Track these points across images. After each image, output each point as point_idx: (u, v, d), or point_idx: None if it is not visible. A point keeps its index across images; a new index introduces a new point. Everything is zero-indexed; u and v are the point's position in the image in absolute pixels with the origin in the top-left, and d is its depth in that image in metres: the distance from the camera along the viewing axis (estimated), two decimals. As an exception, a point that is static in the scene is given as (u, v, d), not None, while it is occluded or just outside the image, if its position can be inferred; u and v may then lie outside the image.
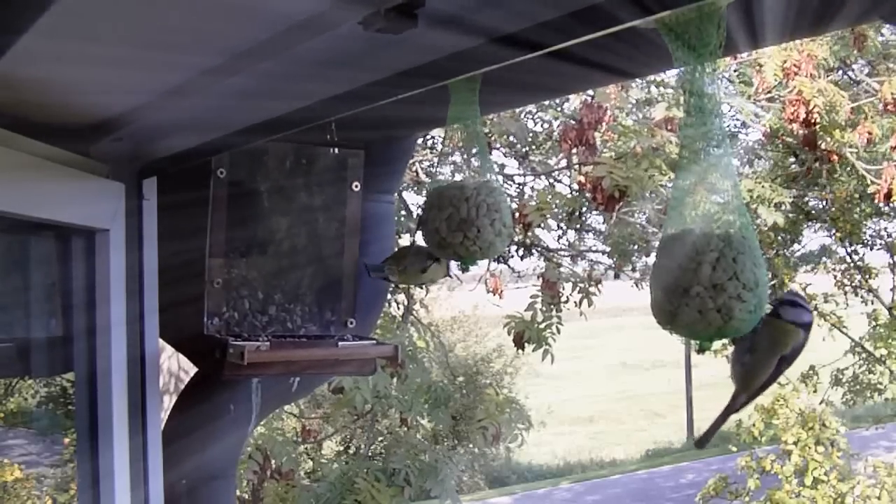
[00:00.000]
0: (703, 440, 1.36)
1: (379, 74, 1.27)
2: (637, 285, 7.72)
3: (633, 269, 7.73)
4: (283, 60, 1.26)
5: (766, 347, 1.22)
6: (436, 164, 6.90)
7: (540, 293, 5.92)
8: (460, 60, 1.17)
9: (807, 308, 1.25)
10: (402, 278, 2.09)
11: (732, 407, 1.31)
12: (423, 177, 6.78)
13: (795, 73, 5.70)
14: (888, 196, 6.03)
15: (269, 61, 1.27)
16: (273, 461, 5.30)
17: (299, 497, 5.25)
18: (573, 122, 5.61)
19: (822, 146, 6.34)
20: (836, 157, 6.60)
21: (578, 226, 7.36)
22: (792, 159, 7.94)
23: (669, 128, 5.58)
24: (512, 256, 7.36)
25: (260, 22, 1.16)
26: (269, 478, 5.34)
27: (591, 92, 5.60)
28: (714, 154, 1.09)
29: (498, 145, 6.90)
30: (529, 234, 6.21)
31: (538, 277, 6.25)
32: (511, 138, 7.00)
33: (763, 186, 6.24)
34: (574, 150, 5.54)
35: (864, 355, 9.96)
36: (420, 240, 1.77)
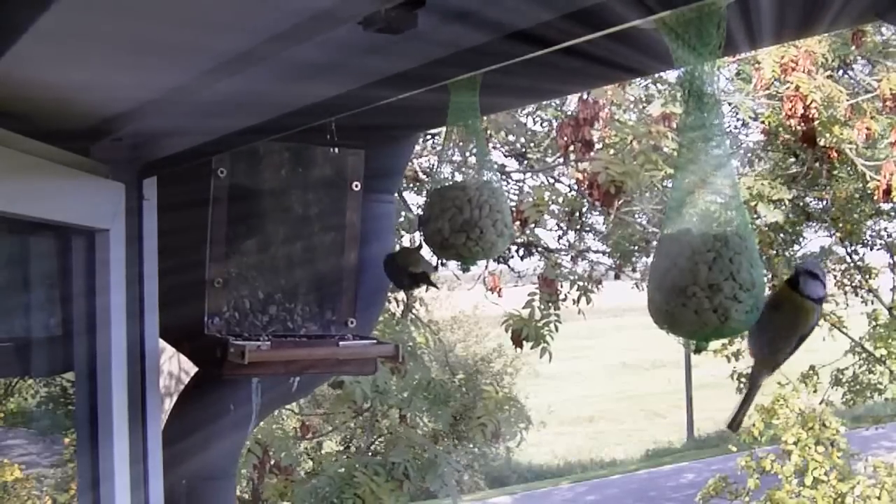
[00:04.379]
0: (734, 423, 1.35)
1: (379, 74, 1.27)
2: (637, 286, 7.72)
3: (634, 270, 7.72)
4: (284, 60, 1.26)
5: (787, 326, 1.20)
6: (436, 164, 6.87)
7: (538, 291, 5.91)
8: (461, 60, 1.17)
9: (824, 282, 1.23)
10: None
11: (756, 384, 1.30)
12: (423, 176, 6.78)
13: (793, 69, 5.70)
14: (887, 193, 6.03)
15: (269, 61, 1.27)
16: (273, 457, 5.30)
17: (299, 492, 5.24)
18: (566, 119, 5.59)
19: (821, 142, 6.33)
20: (835, 155, 6.59)
21: (579, 226, 7.35)
22: (792, 159, 7.93)
23: (666, 124, 5.57)
24: (512, 257, 7.36)
25: (259, 22, 1.16)
26: (269, 473, 5.34)
27: (586, 87, 5.58)
28: (713, 154, 1.09)
29: (496, 144, 6.89)
30: (527, 231, 6.20)
31: (538, 277, 6.25)
32: (509, 136, 6.99)
33: (763, 184, 6.24)
34: (571, 147, 5.53)
35: (864, 355, 9.95)
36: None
